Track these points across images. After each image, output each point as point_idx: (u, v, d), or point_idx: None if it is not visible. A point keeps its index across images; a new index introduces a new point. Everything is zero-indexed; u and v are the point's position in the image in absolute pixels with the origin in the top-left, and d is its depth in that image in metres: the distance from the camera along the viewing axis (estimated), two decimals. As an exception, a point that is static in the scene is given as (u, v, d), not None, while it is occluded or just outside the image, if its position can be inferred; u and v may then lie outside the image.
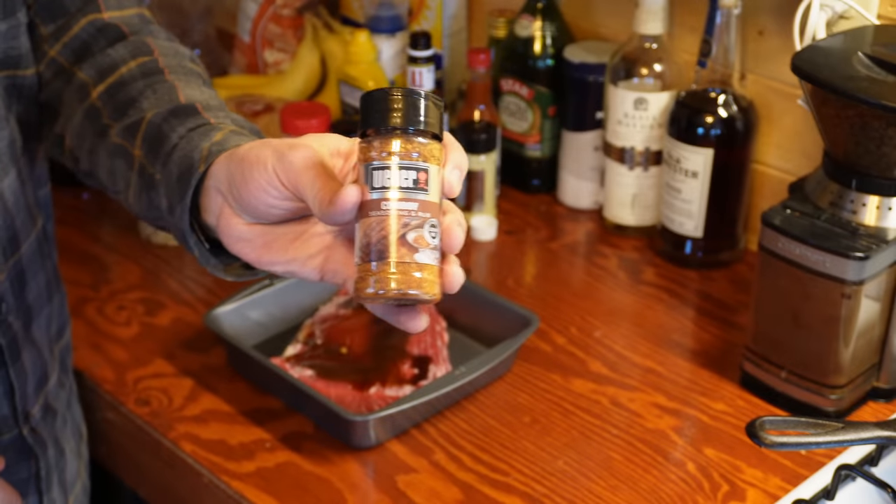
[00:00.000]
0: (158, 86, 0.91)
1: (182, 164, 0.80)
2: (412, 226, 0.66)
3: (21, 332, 1.00)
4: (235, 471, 1.09)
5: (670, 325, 1.30)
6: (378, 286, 0.66)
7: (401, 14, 1.58)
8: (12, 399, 1.00)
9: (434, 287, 0.67)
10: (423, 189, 0.66)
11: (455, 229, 0.69)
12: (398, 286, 0.66)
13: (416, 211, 0.66)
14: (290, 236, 0.75)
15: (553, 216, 1.52)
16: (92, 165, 0.94)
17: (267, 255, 0.75)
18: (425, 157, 0.67)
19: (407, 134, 0.67)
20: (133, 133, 0.88)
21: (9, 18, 0.94)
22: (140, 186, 0.86)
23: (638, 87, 1.39)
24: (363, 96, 0.68)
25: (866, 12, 1.19)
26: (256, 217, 0.75)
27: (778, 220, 1.11)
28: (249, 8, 1.69)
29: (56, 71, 0.99)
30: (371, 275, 0.66)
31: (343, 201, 0.66)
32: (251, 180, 0.72)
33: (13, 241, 0.98)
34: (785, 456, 1.10)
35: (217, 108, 0.88)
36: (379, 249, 0.66)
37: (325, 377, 1.18)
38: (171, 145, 0.83)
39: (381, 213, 0.66)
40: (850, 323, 1.09)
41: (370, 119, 0.67)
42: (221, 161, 0.76)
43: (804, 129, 1.32)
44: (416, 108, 0.67)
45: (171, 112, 0.87)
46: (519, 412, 1.17)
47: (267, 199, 0.73)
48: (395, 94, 0.67)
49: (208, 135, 0.82)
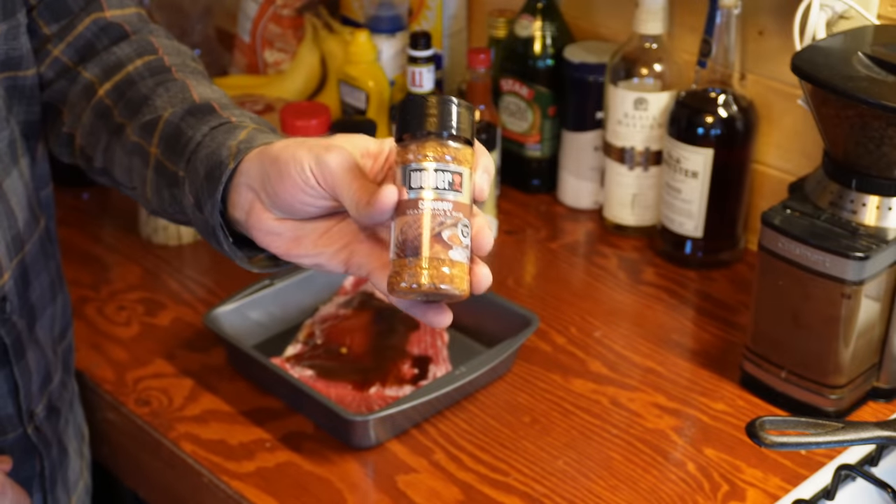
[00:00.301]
0: (170, 84, 0.93)
1: (209, 161, 0.82)
2: (447, 224, 0.69)
3: (25, 332, 1.00)
4: (235, 471, 1.09)
5: (670, 325, 1.30)
6: (412, 280, 0.69)
7: (401, 14, 1.58)
8: (17, 398, 1.00)
9: (464, 283, 0.70)
10: (457, 190, 0.70)
11: (486, 231, 0.72)
12: (431, 281, 0.69)
13: (450, 210, 0.70)
14: (318, 231, 0.77)
15: (553, 216, 1.52)
16: (107, 163, 0.95)
17: (296, 248, 0.78)
18: (459, 160, 0.70)
19: (442, 138, 0.70)
20: (150, 131, 0.90)
21: (9, 19, 0.95)
22: (159, 183, 0.88)
23: (638, 87, 1.39)
24: (401, 102, 0.71)
25: (866, 12, 1.19)
26: (290, 213, 0.77)
27: (778, 220, 1.11)
28: (249, 8, 1.70)
29: (60, 70, 1.00)
30: (405, 269, 0.70)
31: (381, 202, 0.69)
32: (287, 179, 0.74)
33: (17, 241, 0.98)
34: (785, 456, 1.10)
35: (231, 106, 0.90)
36: (415, 246, 0.69)
37: (325, 377, 1.18)
38: (194, 143, 0.85)
39: (418, 211, 0.69)
40: (850, 323, 1.09)
41: (408, 124, 0.70)
42: (253, 159, 0.78)
43: (804, 129, 1.32)
44: (451, 115, 0.70)
45: (188, 111, 0.89)
46: (519, 412, 1.17)
47: (303, 197, 0.75)
48: (431, 100, 0.70)
49: (233, 133, 0.84)
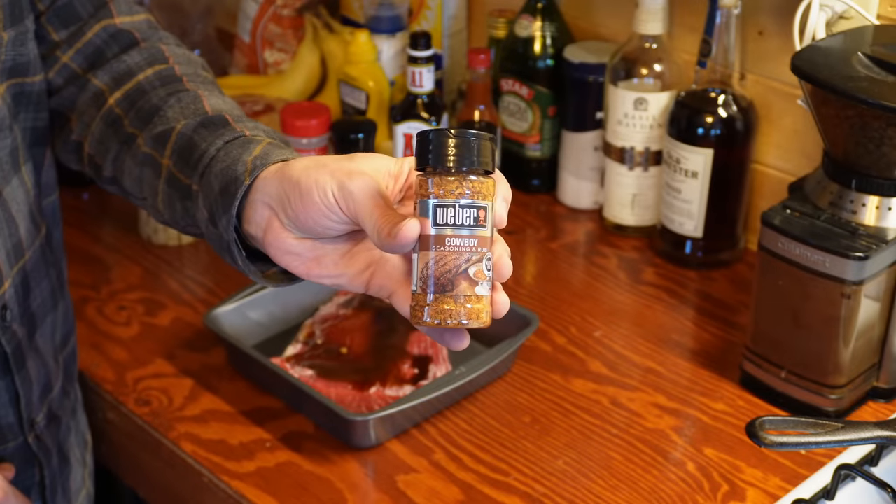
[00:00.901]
0: (182, 94, 0.92)
1: (224, 176, 0.81)
2: (473, 261, 0.70)
3: (26, 340, 1.00)
4: (235, 471, 1.09)
5: (670, 325, 1.30)
6: (437, 317, 0.70)
7: (401, 14, 1.58)
8: (18, 407, 1.00)
9: (487, 316, 0.72)
10: (482, 226, 0.70)
11: (505, 260, 0.72)
12: (457, 318, 0.70)
13: (476, 247, 0.70)
14: (339, 251, 0.77)
15: (553, 216, 1.52)
16: (116, 172, 0.95)
17: (316, 268, 0.78)
18: (484, 195, 0.71)
19: (466, 174, 0.70)
20: (163, 143, 0.89)
21: (17, 25, 0.94)
22: (172, 196, 0.87)
23: (638, 87, 1.39)
24: (422, 133, 0.71)
25: (866, 12, 1.19)
26: (310, 234, 0.77)
27: (778, 220, 1.11)
28: (249, 8, 1.70)
29: (69, 77, 0.99)
30: (430, 305, 0.71)
31: (404, 235, 0.69)
32: (310, 204, 0.74)
33: (18, 249, 0.97)
34: (785, 456, 1.10)
35: (243, 117, 0.90)
36: (441, 283, 0.70)
37: (325, 377, 1.18)
38: (208, 157, 0.84)
39: (444, 249, 0.70)
40: (849, 323, 1.09)
41: (430, 157, 0.71)
42: (271, 177, 0.78)
43: (804, 129, 1.32)
44: (474, 149, 0.70)
45: (202, 123, 0.88)
46: (519, 412, 1.17)
47: (326, 222, 0.75)
48: (454, 134, 0.70)
49: (247, 147, 0.83)
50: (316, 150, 1.40)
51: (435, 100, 1.45)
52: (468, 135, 0.70)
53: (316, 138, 1.40)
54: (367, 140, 1.41)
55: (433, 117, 1.45)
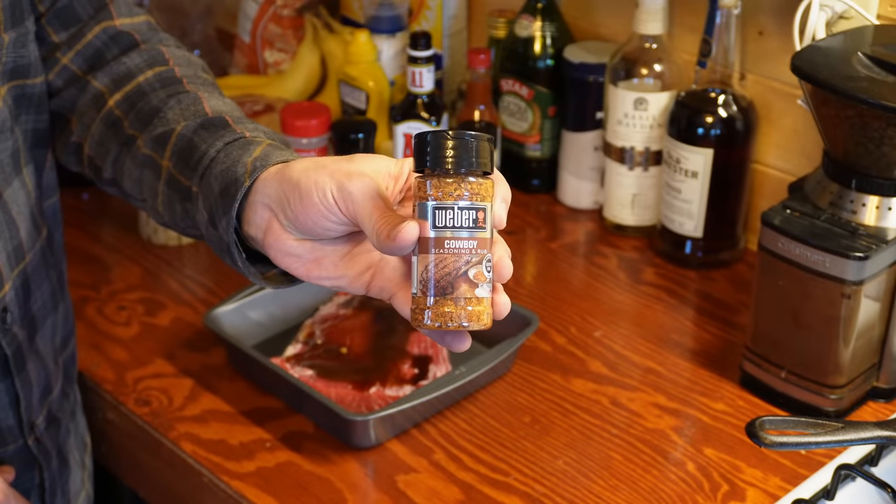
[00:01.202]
0: (182, 96, 0.92)
1: (224, 178, 0.81)
2: (472, 263, 0.70)
3: (26, 343, 1.00)
4: (235, 471, 1.09)
5: (670, 325, 1.30)
6: (438, 319, 0.70)
7: (401, 14, 1.58)
8: (17, 409, 1.00)
9: (487, 317, 0.71)
10: (481, 227, 0.70)
11: (506, 261, 0.72)
12: (458, 321, 0.70)
13: (475, 248, 0.70)
14: (339, 253, 0.77)
15: (553, 216, 1.52)
16: (116, 174, 0.94)
17: (316, 270, 0.77)
18: (482, 196, 0.70)
19: (465, 175, 0.70)
20: (163, 144, 0.89)
21: (17, 27, 0.94)
22: (172, 197, 0.87)
23: (638, 87, 1.39)
24: (420, 136, 0.71)
25: (866, 12, 1.19)
26: (310, 235, 0.76)
27: (778, 220, 1.11)
28: (249, 8, 1.70)
29: (68, 79, 0.99)
30: (431, 308, 0.70)
31: (402, 238, 0.69)
32: (310, 205, 0.74)
33: (19, 251, 0.97)
34: (785, 456, 1.10)
35: (244, 119, 0.89)
36: (441, 286, 0.70)
37: (325, 377, 1.18)
38: (208, 159, 0.84)
39: (444, 251, 0.70)
40: (849, 323, 1.09)
41: (429, 159, 0.70)
42: (271, 179, 0.78)
43: (804, 129, 1.32)
44: (473, 151, 0.70)
45: (202, 125, 0.88)
46: (519, 412, 1.17)
47: (325, 223, 0.75)
48: (452, 136, 0.70)
49: (247, 149, 0.83)
50: (316, 151, 1.40)
51: (435, 100, 1.45)
52: (466, 136, 0.70)
53: (316, 138, 1.40)
54: (367, 140, 1.41)
55: (433, 117, 1.45)
